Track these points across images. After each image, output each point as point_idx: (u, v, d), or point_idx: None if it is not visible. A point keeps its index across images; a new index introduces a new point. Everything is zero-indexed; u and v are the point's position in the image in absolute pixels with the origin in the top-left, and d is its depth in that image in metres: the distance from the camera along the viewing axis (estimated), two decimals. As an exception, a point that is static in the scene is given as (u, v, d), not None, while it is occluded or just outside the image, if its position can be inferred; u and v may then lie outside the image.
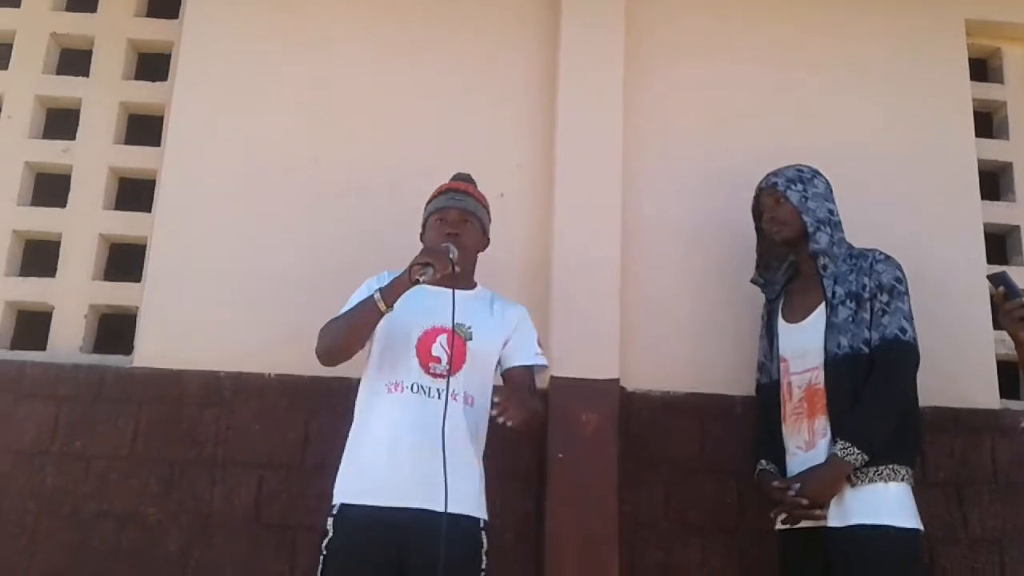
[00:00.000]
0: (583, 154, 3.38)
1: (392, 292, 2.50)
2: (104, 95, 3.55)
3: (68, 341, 3.30)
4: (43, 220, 3.44)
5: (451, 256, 2.52)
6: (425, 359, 2.58)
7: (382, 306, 2.49)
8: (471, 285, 2.77)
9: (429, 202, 2.82)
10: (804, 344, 2.75)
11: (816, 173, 2.89)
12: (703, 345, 3.32)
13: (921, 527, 2.56)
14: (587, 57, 3.48)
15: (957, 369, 3.28)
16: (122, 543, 3.04)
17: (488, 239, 2.86)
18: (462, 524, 2.48)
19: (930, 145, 3.57)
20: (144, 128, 3.61)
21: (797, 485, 2.61)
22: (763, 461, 2.83)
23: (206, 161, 3.42)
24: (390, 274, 2.60)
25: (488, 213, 2.86)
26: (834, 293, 2.72)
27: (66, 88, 3.58)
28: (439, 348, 2.58)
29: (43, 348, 3.30)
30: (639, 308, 3.32)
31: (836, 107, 3.58)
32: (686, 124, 3.55)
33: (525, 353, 2.74)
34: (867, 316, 2.66)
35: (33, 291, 3.37)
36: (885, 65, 3.66)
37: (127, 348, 3.30)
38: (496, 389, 2.56)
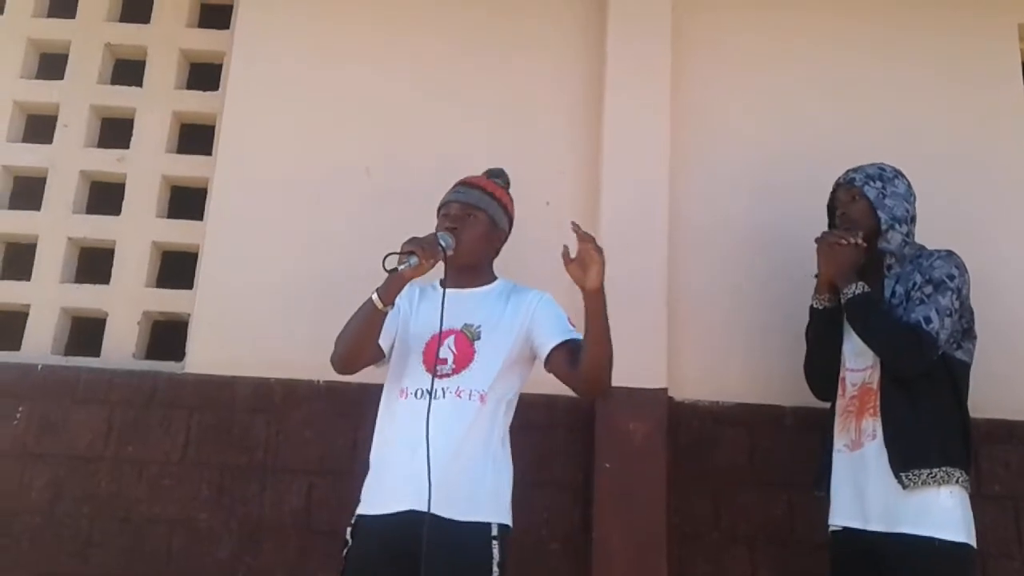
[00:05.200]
0: (629, 161, 3.38)
1: (388, 289, 2.43)
2: (157, 105, 3.61)
3: (121, 347, 3.35)
4: (97, 228, 3.49)
5: (441, 244, 2.43)
6: (431, 362, 2.47)
7: (379, 304, 2.42)
8: (488, 280, 2.63)
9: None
10: (861, 342, 2.69)
11: (898, 173, 2.80)
12: (752, 355, 3.30)
13: (973, 542, 2.48)
14: (633, 63, 3.47)
15: (1012, 381, 3.23)
16: (173, 548, 3.08)
17: (503, 231, 2.68)
18: (466, 531, 2.33)
19: (984, 150, 3.53)
20: (196, 137, 3.65)
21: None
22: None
23: (257, 169, 3.46)
24: (420, 286, 2.57)
25: (502, 205, 2.68)
26: (894, 292, 2.67)
27: (120, 98, 3.64)
28: (446, 350, 2.48)
29: (97, 354, 3.35)
30: (687, 317, 3.30)
31: (887, 113, 3.55)
32: (734, 129, 3.54)
33: (554, 332, 2.52)
34: None
35: (87, 298, 3.42)
36: (938, 70, 3.62)
37: (179, 355, 3.34)
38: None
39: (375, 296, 2.44)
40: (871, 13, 3.67)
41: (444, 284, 2.53)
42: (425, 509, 2.28)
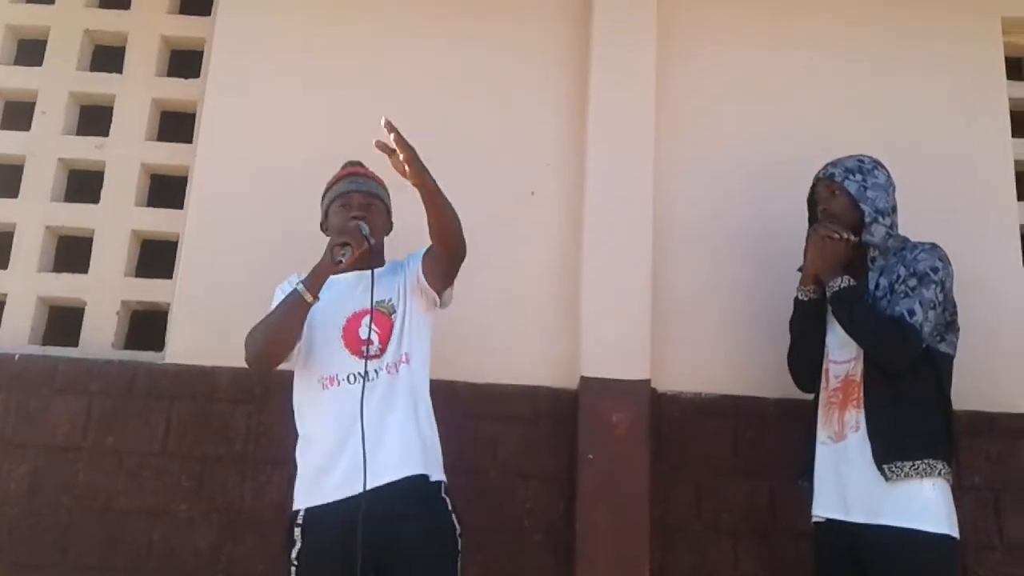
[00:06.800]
0: (614, 152, 3.37)
1: (315, 280, 2.48)
2: (137, 92, 3.57)
3: (100, 337, 3.31)
4: (76, 216, 3.46)
5: (364, 232, 2.51)
6: (355, 345, 2.52)
7: (308, 297, 2.46)
8: (381, 264, 2.70)
9: (328, 190, 2.79)
10: (844, 334, 2.69)
11: (877, 164, 2.79)
12: (735, 346, 3.30)
13: (956, 534, 2.49)
14: (619, 54, 3.46)
15: (994, 373, 3.24)
16: (153, 539, 3.05)
17: (392, 223, 2.81)
18: (411, 486, 2.42)
19: (966, 145, 3.53)
20: (177, 125, 3.62)
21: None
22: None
23: (238, 158, 3.43)
24: (299, 278, 2.56)
25: (388, 194, 2.81)
26: (877, 285, 2.67)
27: (100, 85, 3.60)
28: (366, 329, 2.52)
29: (75, 344, 3.31)
30: (670, 308, 3.30)
31: (870, 107, 3.54)
32: (719, 121, 3.53)
33: (418, 255, 2.66)
34: None
35: (66, 287, 3.38)
36: (921, 64, 3.62)
37: (159, 344, 3.31)
38: None
39: (302, 288, 2.47)
40: (858, 9, 3.66)
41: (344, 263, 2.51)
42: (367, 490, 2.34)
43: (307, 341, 2.58)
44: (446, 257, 2.60)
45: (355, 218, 2.61)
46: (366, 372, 2.45)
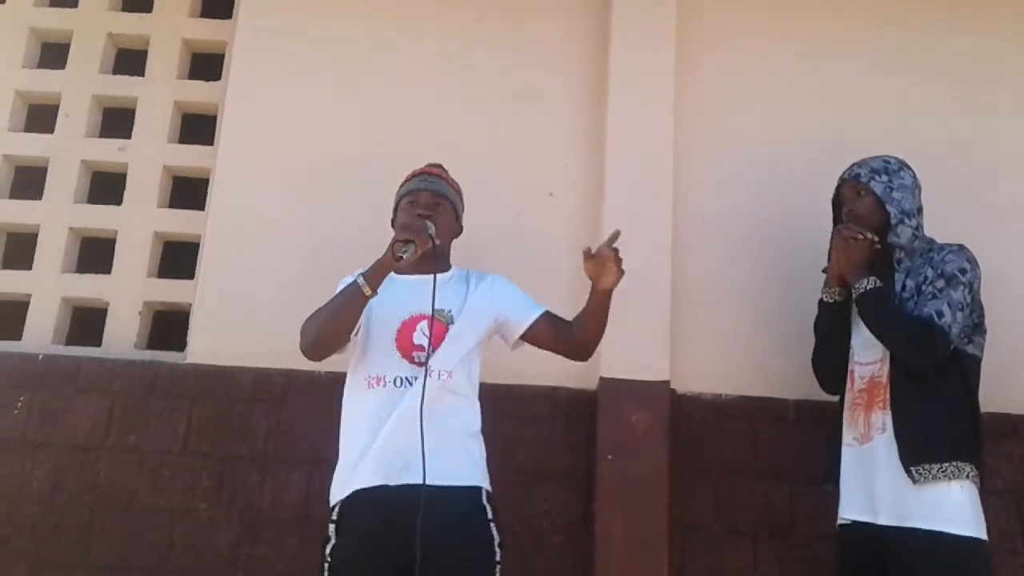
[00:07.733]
0: (633, 153, 3.37)
1: (376, 275, 2.42)
2: (159, 94, 3.60)
3: (123, 337, 3.34)
4: (99, 218, 3.49)
5: (429, 232, 2.46)
6: (407, 349, 2.48)
7: (367, 290, 2.40)
8: (446, 268, 2.64)
9: (400, 187, 2.75)
10: (870, 336, 2.66)
11: (903, 165, 2.77)
12: (755, 348, 3.29)
13: (984, 536, 2.46)
14: (637, 55, 3.46)
15: (1018, 375, 3.21)
16: (174, 537, 3.07)
17: (461, 227, 2.76)
18: (459, 496, 2.40)
19: (993, 141, 3.51)
20: (198, 127, 3.65)
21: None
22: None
23: (259, 160, 3.45)
24: (364, 269, 2.51)
25: (461, 200, 2.76)
26: (904, 286, 2.65)
27: (122, 87, 3.64)
28: (420, 335, 2.49)
29: (98, 344, 3.34)
30: (690, 309, 3.29)
31: (893, 103, 3.53)
32: (738, 123, 3.52)
33: (528, 308, 2.64)
34: None
35: (89, 288, 3.42)
36: (947, 59, 3.60)
37: (180, 345, 3.34)
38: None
39: (361, 281, 2.42)
40: (879, 8, 3.65)
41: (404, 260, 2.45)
42: (431, 483, 2.31)
43: (362, 337, 2.55)
44: (569, 353, 2.67)
45: (420, 216, 2.57)
46: (425, 377, 2.40)
